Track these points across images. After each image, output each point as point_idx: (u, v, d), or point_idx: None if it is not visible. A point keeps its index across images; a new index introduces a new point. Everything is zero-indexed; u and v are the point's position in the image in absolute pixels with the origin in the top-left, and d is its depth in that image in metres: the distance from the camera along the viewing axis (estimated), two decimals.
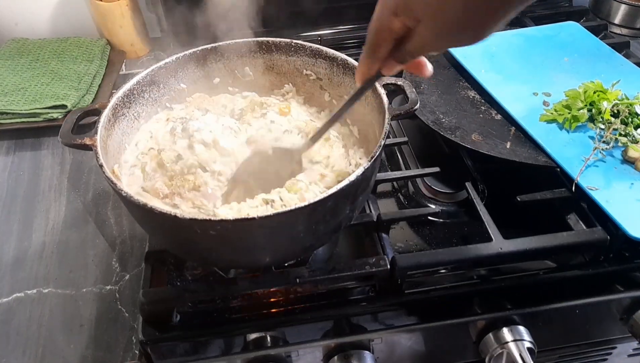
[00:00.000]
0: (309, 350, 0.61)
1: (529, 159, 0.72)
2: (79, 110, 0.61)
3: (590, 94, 0.78)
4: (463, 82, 0.89)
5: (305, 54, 0.70)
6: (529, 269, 0.66)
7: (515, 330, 0.62)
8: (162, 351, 0.59)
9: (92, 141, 0.55)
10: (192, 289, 0.60)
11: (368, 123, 0.66)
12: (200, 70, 0.71)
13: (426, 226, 0.73)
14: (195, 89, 0.72)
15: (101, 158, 0.53)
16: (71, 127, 0.59)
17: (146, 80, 0.65)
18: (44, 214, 0.78)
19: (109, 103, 0.60)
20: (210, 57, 0.71)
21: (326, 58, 0.69)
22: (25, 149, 0.90)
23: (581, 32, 0.98)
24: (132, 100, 0.64)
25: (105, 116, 0.58)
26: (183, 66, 0.69)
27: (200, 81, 0.72)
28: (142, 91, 0.65)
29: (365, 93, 0.54)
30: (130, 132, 0.65)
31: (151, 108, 0.68)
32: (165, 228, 0.54)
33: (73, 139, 0.57)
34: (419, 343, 0.64)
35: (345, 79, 0.68)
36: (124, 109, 0.62)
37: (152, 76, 0.66)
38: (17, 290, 0.68)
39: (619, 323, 0.68)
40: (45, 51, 1.03)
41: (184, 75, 0.70)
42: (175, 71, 0.69)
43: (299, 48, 0.70)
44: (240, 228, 0.49)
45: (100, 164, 0.53)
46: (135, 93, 0.64)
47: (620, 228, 0.63)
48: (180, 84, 0.70)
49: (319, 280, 0.60)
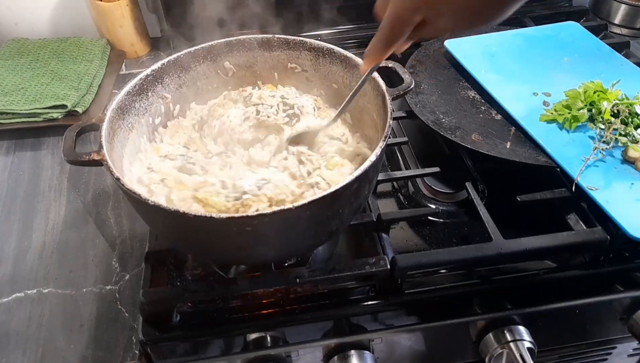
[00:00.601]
0: (309, 350, 0.61)
1: (529, 159, 0.72)
2: (76, 126, 0.60)
3: (590, 94, 0.78)
4: (463, 82, 0.89)
5: (288, 48, 0.71)
6: (529, 269, 0.66)
7: (515, 330, 0.62)
8: (162, 351, 0.59)
9: (101, 155, 0.54)
10: (192, 289, 0.60)
11: (361, 109, 0.67)
12: (185, 74, 0.70)
13: (426, 226, 0.73)
14: (180, 96, 0.71)
15: (115, 171, 0.52)
16: (73, 145, 0.57)
17: (135, 89, 0.64)
18: (44, 214, 0.78)
19: (106, 117, 0.58)
20: (193, 61, 0.70)
21: (310, 50, 0.69)
22: (25, 149, 0.90)
23: (581, 32, 0.98)
24: (125, 111, 0.63)
25: (105, 130, 0.57)
26: (168, 72, 0.68)
27: (185, 86, 0.71)
28: (132, 101, 0.64)
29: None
30: (126, 143, 0.63)
31: (142, 118, 0.66)
32: (198, 231, 0.52)
33: (80, 156, 0.55)
34: (419, 343, 0.64)
35: (332, 68, 0.69)
36: (119, 121, 0.61)
37: (140, 85, 0.65)
38: (17, 290, 0.68)
39: (619, 323, 0.68)
40: (45, 51, 1.03)
41: (170, 81, 0.69)
42: (161, 78, 0.67)
43: (281, 42, 0.71)
44: (278, 220, 0.49)
45: (117, 178, 0.51)
46: (127, 104, 0.63)
47: (620, 228, 0.63)
48: (167, 92, 0.69)
49: (319, 280, 0.60)
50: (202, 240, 0.55)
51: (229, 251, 0.56)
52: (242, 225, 0.48)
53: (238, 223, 0.48)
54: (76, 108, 0.91)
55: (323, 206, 0.50)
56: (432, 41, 0.98)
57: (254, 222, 0.48)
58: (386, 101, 0.59)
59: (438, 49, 0.95)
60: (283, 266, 0.65)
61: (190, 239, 0.57)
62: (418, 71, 0.90)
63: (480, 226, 0.66)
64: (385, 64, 0.66)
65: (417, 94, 0.85)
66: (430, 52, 0.95)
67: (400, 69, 0.66)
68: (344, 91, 0.69)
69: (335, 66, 0.69)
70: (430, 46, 0.97)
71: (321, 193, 0.49)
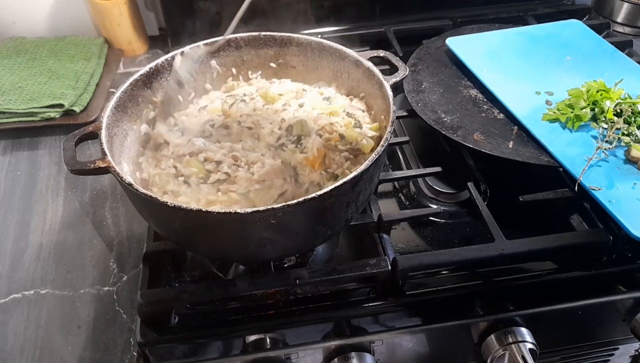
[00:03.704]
0: (309, 352, 0.61)
1: (532, 159, 0.72)
2: (73, 136, 0.59)
3: (593, 93, 0.78)
4: (465, 81, 0.88)
5: (276, 44, 0.71)
6: (532, 270, 0.65)
7: (517, 332, 0.62)
8: (160, 353, 0.58)
9: (106, 162, 0.53)
10: (190, 290, 0.60)
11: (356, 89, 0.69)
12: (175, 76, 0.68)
13: (428, 226, 0.72)
14: (171, 97, 0.69)
15: (125, 177, 0.52)
16: (73, 154, 0.56)
17: (126, 95, 0.63)
18: (41, 214, 0.77)
19: (103, 123, 0.58)
20: (183, 62, 0.68)
21: (298, 45, 0.69)
22: (22, 149, 0.89)
23: (584, 31, 0.97)
24: (119, 118, 0.62)
25: (104, 137, 0.56)
26: (156, 76, 0.67)
27: (174, 87, 0.69)
28: (125, 107, 0.63)
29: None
30: (122, 151, 0.62)
31: (134, 125, 0.65)
32: (220, 228, 0.52)
33: (84, 165, 0.54)
34: (420, 345, 0.64)
35: (322, 62, 0.70)
36: (115, 128, 0.60)
37: (130, 90, 0.64)
38: (14, 291, 0.67)
39: (621, 324, 0.67)
40: (43, 50, 1.03)
41: (158, 85, 0.68)
42: (150, 83, 0.67)
43: (268, 40, 0.71)
44: (305, 209, 0.49)
45: (128, 183, 0.50)
46: (120, 110, 0.62)
47: (623, 228, 0.62)
48: (156, 97, 0.68)
49: (319, 282, 0.60)
50: (224, 238, 0.55)
51: (251, 247, 0.55)
52: (267, 218, 0.48)
53: (262, 216, 0.48)
54: (73, 107, 0.91)
55: (345, 191, 0.51)
56: (434, 39, 0.97)
57: (278, 214, 0.48)
58: (384, 88, 0.60)
59: (439, 47, 0.95)
60: (283, 267, 0.65)
61: (209, 239, 0.56)
62: (419, 70, 0.90)
63: (482, 227, 0.66)
64: (377, 53, 0.67)
65: (419, 93, 0.84)
66: (432, 51, 0.94)
67: (392, 57, 0.66)
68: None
69: (325, 60, 0.69)
70: (432, 44, 0.96)
71: (342, 179, 0.50)
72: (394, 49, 0.98)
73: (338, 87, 0.72)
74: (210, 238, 0.56)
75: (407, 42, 0.99)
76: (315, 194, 0.48)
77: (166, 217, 0.54)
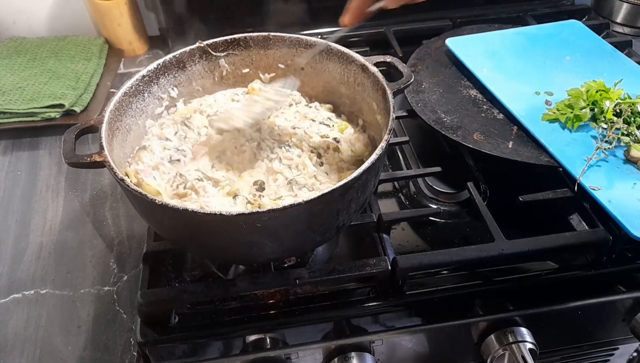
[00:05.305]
0: (309, 352, 0.61)
1: (531, 159, 0.72)
2: (74, 128, 0.59)
3: (593, 93, 0.78)
4: (465, 81, 0.88)
5: (285, 45, 0.70)
6: (531, 270, 0.65)
7: (517, 332, 0.62)
8: (161, 353, 0.58)
9: (103, 157, 0.53)
10: (190, 290, 0.60)
11: (359, 101, 0.68)
12: (182, 74, 0.69)
13: (427, 226, 0.72)
14: (179, 95, 0.71)
15: (119, 172, 0.52)
16: (73, 147, 0.57)
17: (132, 90, 0.63)
18: (41, 214, 0.77)
19: (104, 118, 0.58)
20: (189, 60, 0.69)
21: (307, 47, 0.69)
22: (22, 149, 0.89)
23: (583, 31, 0.97)
24: (122, 113, 0.62)
25: (105, 131, 0.57)
26: (164, 72, 0.67)
27: (182, 86, 0.70)
28: (130, 102, 0.63)
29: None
30: (125, 145, 0.63)
31: (139, 120, 0.66)
32: (207, 229, 0.52)
33: (81, 158, 0.54)
34: (420, 344, 0.64)
35: (329, 65, 0.69)
36: (117, 123, 0.61)
37: (136, 86, 0.64)
38: (14, 291, 0.67)
39: (621, 324, 0.67)
40: (43, 50, 1.03)
41: (166, 82, 0.68)
42: (157, 79, 0.67)
43: (277, 40, 0.70)
44: (292, 215, 0.49)
45: (121, 179, 0.51)
46: (124, 105, 0.62)
47: (622, 228, 0.62)
48: (163, 93, 0.68)
49: (319, 281, 0.60)
50: (211, 239, 0.55)
51: (238, 249, 0.56)
52: (253, 222, 0.48)
53: (248, 220, 0.48)
54: (74, 107, 0.91)
55: (333, 199, 0.51)
56: (434, 40, 0.97)
57: (263, 218, 0.48)
58: (387, 95, 0.59)
59: (439, 48, 0.95)
60: (283, 267, 0.65)
61: (198, 239, 0.56)
62: (419, 70, 0.90)
63: (482, 227, 0.66)
64: (384, 58, 0.66)
65: (418, 93, 0.84)
66: (432, 51, 0.94)
67: (399, 63, 0.66)
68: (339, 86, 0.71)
69: (332, 63, 0.69)
70: (432, 45, 0.96)
71: (331, 186, 0.50)
72: (394, 49, 0.98)
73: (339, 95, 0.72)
74: (201, 239, 0.56)
75: (407, 43, 0.99)
76: (301, 200, 0.48)
77: (155, 214, 0.55)
